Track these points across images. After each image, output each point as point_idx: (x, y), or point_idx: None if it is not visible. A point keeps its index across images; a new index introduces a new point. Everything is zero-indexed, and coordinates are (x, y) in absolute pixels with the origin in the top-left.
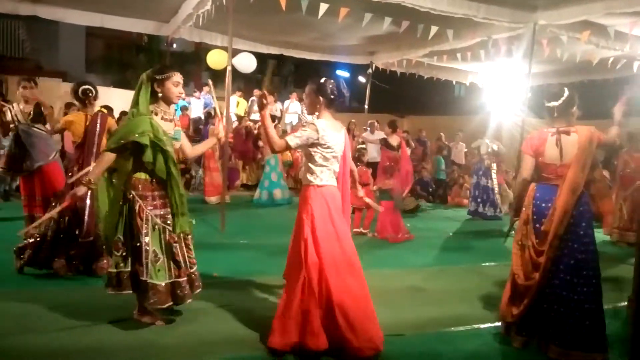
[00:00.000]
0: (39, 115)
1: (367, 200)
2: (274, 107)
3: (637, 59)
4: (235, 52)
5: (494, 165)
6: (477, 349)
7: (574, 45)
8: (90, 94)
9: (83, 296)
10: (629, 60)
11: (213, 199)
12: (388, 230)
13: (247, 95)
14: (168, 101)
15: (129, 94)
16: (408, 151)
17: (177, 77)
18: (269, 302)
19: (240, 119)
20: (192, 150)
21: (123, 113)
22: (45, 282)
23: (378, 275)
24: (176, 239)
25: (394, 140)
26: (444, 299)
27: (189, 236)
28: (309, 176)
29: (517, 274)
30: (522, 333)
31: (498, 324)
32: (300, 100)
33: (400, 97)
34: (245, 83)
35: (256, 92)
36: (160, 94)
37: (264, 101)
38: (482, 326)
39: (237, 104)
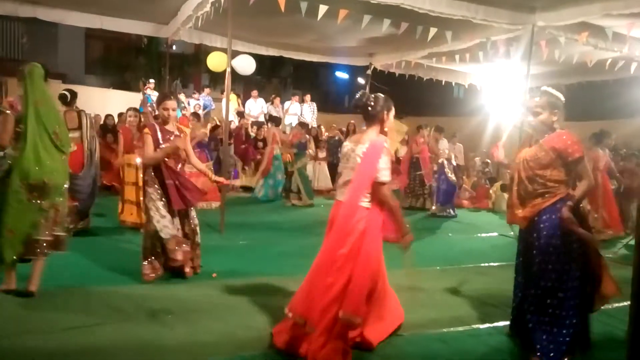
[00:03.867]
0: None
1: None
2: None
3: (635, 60)
4: (234, 54)
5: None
6: (476, 349)
7: (573, 46)
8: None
9: (80, 297)
10: (627, 62)
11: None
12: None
13: (245, 97)
14: None
15: (128, 96)
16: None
17: None
18: (268, 303)
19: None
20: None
21: (119, 115)
22: (42, 282)
23: None
24: None
25: None
26: (443, 299)
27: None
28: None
29: None
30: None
31: (497, 324)
32: (301, 102)
33: (399, 98)
34: (244, 84)
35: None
36: None
37: None
38: (481, 326)
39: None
